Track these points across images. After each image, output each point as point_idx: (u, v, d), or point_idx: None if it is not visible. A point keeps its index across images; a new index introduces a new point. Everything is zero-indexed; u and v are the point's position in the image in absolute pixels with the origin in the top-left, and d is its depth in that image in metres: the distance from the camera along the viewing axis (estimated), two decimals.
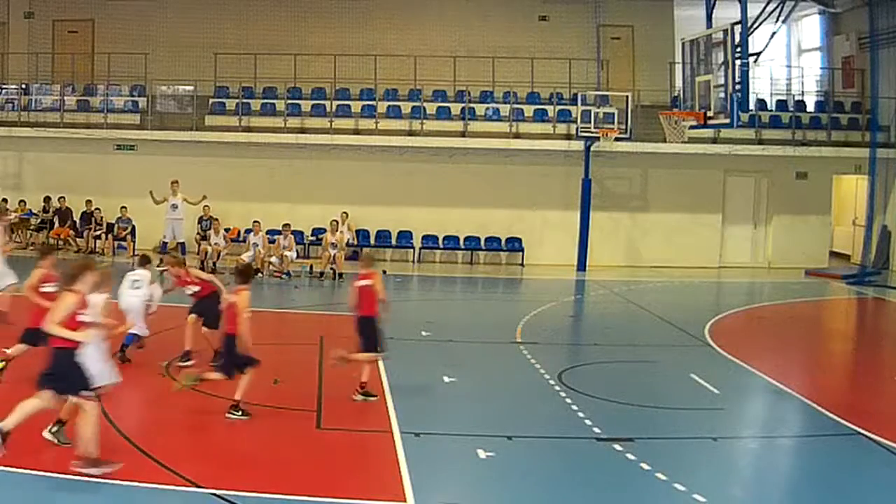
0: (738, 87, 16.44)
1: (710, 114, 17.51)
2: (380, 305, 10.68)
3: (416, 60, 24.71)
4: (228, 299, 10.09)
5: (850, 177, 25.78)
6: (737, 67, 16.43)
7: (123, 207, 23.45)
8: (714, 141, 23.99)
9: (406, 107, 24.62)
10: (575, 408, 10.69)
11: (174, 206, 21.39)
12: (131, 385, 11.04)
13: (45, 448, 8.42)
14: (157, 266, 20.83)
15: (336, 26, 25.28)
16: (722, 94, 16.99)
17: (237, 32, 25.02)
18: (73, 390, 7.94)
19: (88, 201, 23.75)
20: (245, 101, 24.44)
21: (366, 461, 8.75)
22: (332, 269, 21.09)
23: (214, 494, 7.55)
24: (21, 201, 23.87)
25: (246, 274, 10.30)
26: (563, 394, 11.33)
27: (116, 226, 23.57)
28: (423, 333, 14.00)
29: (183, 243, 21.63)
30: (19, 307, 13.14)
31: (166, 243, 21.49)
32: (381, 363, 11.23)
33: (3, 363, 10.55)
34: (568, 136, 24.18)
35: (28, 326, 10.29)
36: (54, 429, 8.53)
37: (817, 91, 26.89)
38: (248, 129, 24.28)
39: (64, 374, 7.89)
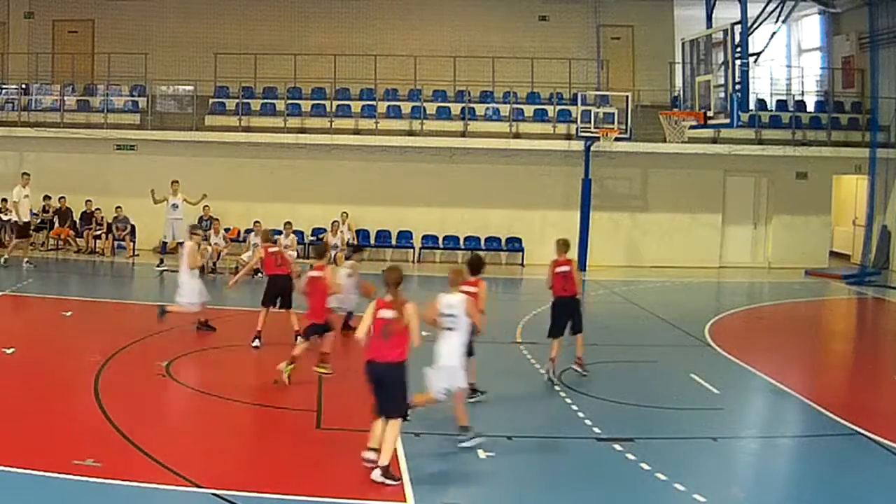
0: (738, 87, 16.42)
1: (710, 114, 17.49)
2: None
3: (416, 60, 24.71)
4: (468, 290, 10.04)
5: (850, 177, 25.78)
6: (737, 67, 16.40)
7: (118, 207, 23.46)
8: (714, 141, 23.98)
9: (406, 107, 24.62)
10: (575, 408, 10.69)
11: (174, 206, 21.36)
12: (131, 385, 11.05)
13: (44, 449, 8.42)
14: (157, 266, 20.99)
15: (336, 26, 25.27)
16: (722, 94, 16.97)
17: (237, 32, 25.00)
18: (404, 410, 8.31)
19: (88, 201, 23.76)
20: (245, 101, 24.44)
21: None
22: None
23: (214, 494, 7.55)
24: None
25: (479, 266, 10.75)
26: (563, 394, 11.33)
27: (114, 226, 23.56)
28: (423, 333, 13.98)
29: (183, 243, 21.58)
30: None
31: (166, 243, 21.48)
32: None
33: (292, 365, 11.18)
34: (568, 136, 24.18)
35: (313, 322, 11.29)
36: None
37: (817, 91, 26.88)
38: (248, 129, 24.28)
39: (400, 393, 8.26)
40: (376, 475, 8.03)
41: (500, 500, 8.20)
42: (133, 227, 23.74)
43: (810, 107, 26.06)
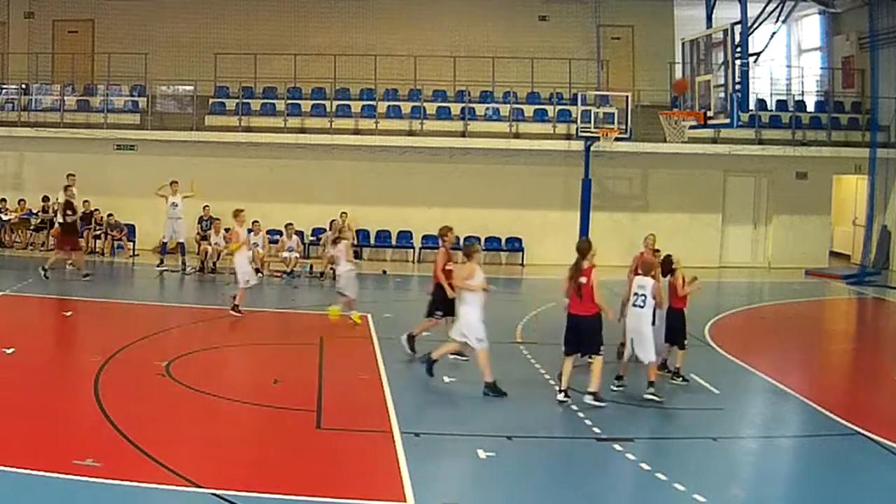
0: (738, 87, 16.43)
1: (710, 114, 17.49)
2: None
3: (416, 60, 24.70)
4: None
5: (850, 177, 25.77)
6: (737, 67, 16.41)
7: (111, 214, 23.44)
8: (714, 141, 23.97)
9: (406, 107, 24.62)
10: (575, 408, 10.69)
11: (174, 206, 21.36)
12: (131, 385, 11.05)
13: (44, 449, 8.42)
14: (157, 266, 20.99)
15: (336, 26, 25.27)
16: (722, 94, 16.98)
17: (237, 32, 25.00)
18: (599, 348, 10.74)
19: (86, 202, 23.72)
20: (245, 101, 24.43)
21: (366, 461, 8.74)
22: (332, 269, 21.06)
23: (214, 494, 7.55)
24: (21, 201, 23.89)
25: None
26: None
27: (110, 231, 23.49)
28: (423, 333, 13.99)
29: (183, 243, 21.61)
30: None
31: (166, 243, 21.47)
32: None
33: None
34: (568, 136, 24.18)
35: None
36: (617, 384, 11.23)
37: (817, 91, 26.88)
38: (248, 129, 24.26)
39: (596, 337, 10.74)
40: (588, 399, 10.33)
41: (500, 500, 8.19)
42: (129, 227, 23.71)
43: (810, 107, 26.05)
